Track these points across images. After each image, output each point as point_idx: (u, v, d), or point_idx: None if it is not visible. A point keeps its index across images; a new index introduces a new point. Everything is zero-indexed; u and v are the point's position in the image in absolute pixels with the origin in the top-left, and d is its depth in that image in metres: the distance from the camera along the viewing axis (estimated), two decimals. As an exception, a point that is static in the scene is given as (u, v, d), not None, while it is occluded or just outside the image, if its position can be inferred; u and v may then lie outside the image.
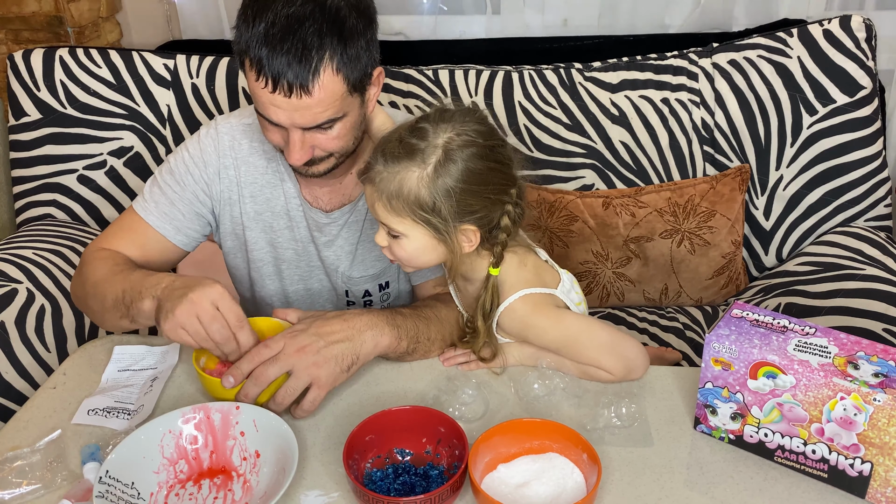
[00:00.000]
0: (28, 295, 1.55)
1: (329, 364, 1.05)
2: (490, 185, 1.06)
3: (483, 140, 1.05)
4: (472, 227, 1.06)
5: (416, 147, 1.04)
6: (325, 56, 1.05)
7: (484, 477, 0.94)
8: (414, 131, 1.05)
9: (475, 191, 1.04)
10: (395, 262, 1.13)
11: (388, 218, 1.06)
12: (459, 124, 1.05)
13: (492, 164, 1.06)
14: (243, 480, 0.98)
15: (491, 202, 1.06)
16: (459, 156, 1.03)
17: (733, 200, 1.75)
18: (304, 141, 1.12)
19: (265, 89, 1.06)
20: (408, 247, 1.08)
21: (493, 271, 1.11)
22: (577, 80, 1.82)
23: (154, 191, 1.29)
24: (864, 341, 0.93)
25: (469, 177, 1.03)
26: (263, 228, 1.33)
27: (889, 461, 0.88)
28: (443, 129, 1.04)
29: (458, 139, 1.04)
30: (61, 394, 1.14)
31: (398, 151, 1.04)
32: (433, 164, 1.03)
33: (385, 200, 1.05)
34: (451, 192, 1.03)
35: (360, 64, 1.09)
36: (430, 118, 1.06)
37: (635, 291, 1.82)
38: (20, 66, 1.83)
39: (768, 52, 1.77)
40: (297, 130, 1.11)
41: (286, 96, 1.05)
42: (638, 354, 1.12)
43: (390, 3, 2.11)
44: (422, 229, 1.06)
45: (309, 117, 1.08)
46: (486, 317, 1.12)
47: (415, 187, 1.03)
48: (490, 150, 1.06)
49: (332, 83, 1.06)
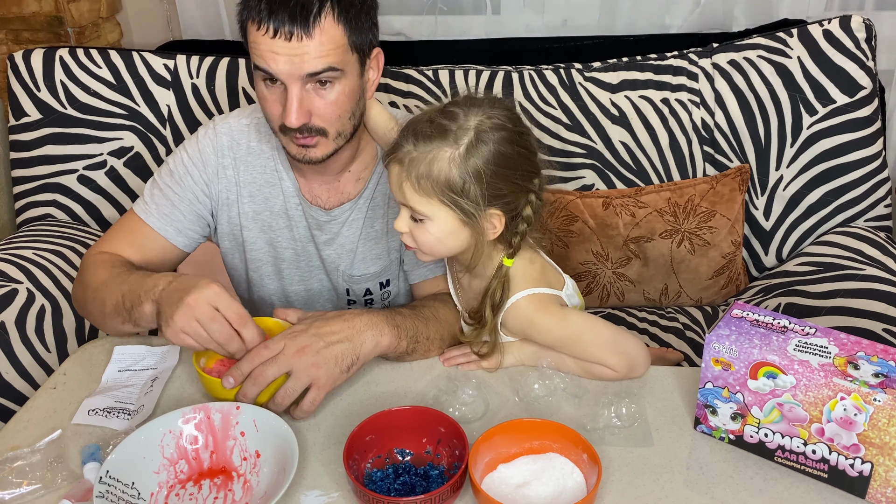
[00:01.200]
0: (28, 295, 1.55)
1: (329, 365, 1.05)
2: (518, 170, 1.06)
3: (513, 125, 1.06)
4: (498, 211, 1.06)
5: (448, 128, 1.04)
6: (327, 4, 1.07)
7: (484, 477, 0.94)
8: (445, 113, 1.06)
9: (505, 174, 1.05)
10: (413, 248, 1.11)
11: (415, 199, 1.05)
12: (489, 108, 1.06)
13: (521, 150, 1.07)
14: (243, 480, 0.98)
15: (518, 188, 1.07)
16: (491, 138, 1.03)
17: (733, 200, 1.75)
18: (302, 98, 1.12)
19: (266, 35, 1.07)
20: (433, 230, 1.07)
21: (507, 262, 1.11)
22: (577, 81, 1.82)
23: (154, 192, 1.29)
24: (864, 341, 0.93)
25: (499, 160, 1.04)
26: (262, 228, 1.33)
27: (889, 461, 0.88)
28: (473, 113, 1.05)
29: (489, 122, 1.04)
30: (61, 394, 1.14)
31: (429, 131, 1.04)
32: (465, 144, 1.03)
33: (414, 180, 1.04)
34: (481, 175, 1.03)
35: (361, 25, 1.12)
36: (460, 103, 1.07)
37: (635, 292, 1.82)
38: (20, 66, 1.83)
39: (768, 52, 1.77)
40: (296, 85, 1.10)
41: (286, 40, 1.07)
42: (640, 352, 1.12)
43: (390, 3, 2.11)
44: (448, 212, 1.05)
45: (308, 63, 1.09)
46: (494, 308, 1.12)
47: (445, 168, 1.03)
48: (519, 135, 1.07)
49: (333, 29, 1.08)
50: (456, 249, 1.11)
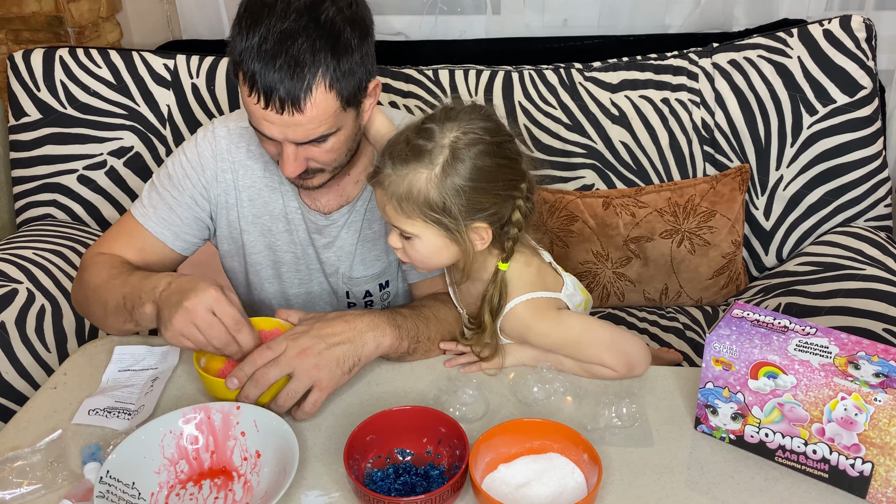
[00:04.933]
0: (28, 295, 1.55)
1: (330, 366, 1.05)
2: (499, 181, 1.05)
3: (490, 137, 1.05)
4: (483, 224, 1.06)
5: (424, 148, 1.03)
6: (318, 73, 1.04)
7: (485, 477, 0.94)
8: (420, 132, 1.04)
9: (485, 188, 1.04)
10: (409, 263, 1.12)
11: (399, 220, 1.06)
12: (466, 122, 1.04)
13: (500, 161, 1.05)
14: (244, 480, 0.98)
15: (501, 198, 1.06)
16: (467, 154, 1.03)
17: (733, 200, 1.75)
18: (297, 154, 1.11)
19: (258, 105, 1.05)
20: (421, 248, 1.07)
21: (502, 266, 1.11)
22: (577, 80, 1.82)
23: (152, 196, 1.28)
24: (864, 341, 0.93)
25: (478, 174, 1.03)
26: (262, 232, 1.32)
27: (890, 461, 0.88)
28: (449, 129, 1.04)
29: (465, 137, 1.03)
30: (62, 394, 1.13)
31: (405, 153, 1.04)
32: (441, 164, 1.02)
33: (395, 203, 1.04)
34: (460, 191, 1.02)
35: (355, 78, 1.08)
36: (436, 118, 1.06)
37: (635, 291, 1.82)
38: (20, 66, 1.83)
39: (768, 52, 1.77)
40: (291, 144, 1.10)
41: (278, 112, 1.05)
42: (639, 351, 1.12)
43: (390, 3, 2.11)
44: (433, 230, 1.05)
45: (301, 133, 1.08)
46: (493, 312, 1.12)
47: (424, 188, 1.02)
48: (497, 146, 1.05)
49: (325, 100, 1.06)
50: (448, 262, 1.11)
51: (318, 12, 1.04)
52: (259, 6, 1.04)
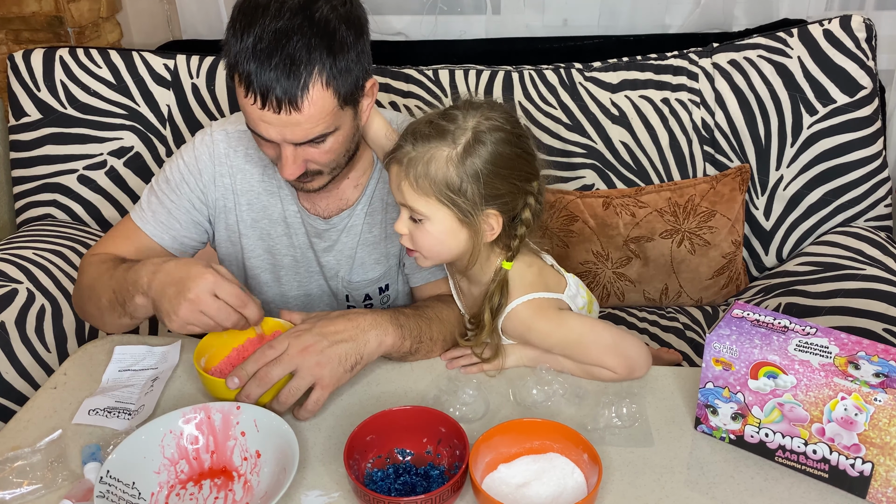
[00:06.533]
0: (28, 295, 1.55)
1: (332, 364, 1.05)
2: (516, 170, 1.07)
3: (511, 127, 1.07)
4: (495, 212, 1.07)
5: (447, 128, 1.05)
6: (314, 71, 1.03)
7: (485, 477, 0.94)
8: (444, 115, 1.07)
9: (502, 174, 1.06)
10: (414, 253, 1.12)
11: (414, 198, 1.06)
12: (488, 111, 1.07)
13: (518, 151, 1.08)
14: (244, 480, 0.98)
15: (516, 189, 1.08)
16: (489, 138, 1.05)
17: (733, 200, 1.75)
18: (296, 155, 1.11)
19: (254, 105, 1.05)
20: (431, 230, 1.07)
21: (506, 265, 1.11)
22: (577, 80, 1.82)
23: (151, 200, 1.28)
24: (864, 341, 0.93)
25: (497, 160, 1.05)
26: (260, 236, 1.32)
27: (890, 461, 0.88)
28: (472, 115, 1.06)
29: (488, 123, 1.06)
30: (62, 394, 1.14)
31: (428, 131, 1.05)
32: (463, 144, 1.04)
33: (412, 179, 1.05)
34: (478, 174, 1.04)
35: (351, 76, 1.08)
36: (460, 106, 1.08)
37: (635, 291, 1.82)
38: (20, 66, 1.83)
39: (768, 52, 1.77)
40: (289, 146, 1.10)
41: (275, 112, 1.04)
42: (640, 353, 1.12)
43: (390, 3, 2.11)
44: (446, 211, 1.06)
45: (299, 133, 1.07)
46: (493, 311, 1.12)
47: (443, 167, 1.04)
48: (517, 137, 1.08)
49: (322, 98, 1.05)
50: (455, 251, 1.11)
51: (312, 11, 1.04)
52: (252, 7, 1.04)
